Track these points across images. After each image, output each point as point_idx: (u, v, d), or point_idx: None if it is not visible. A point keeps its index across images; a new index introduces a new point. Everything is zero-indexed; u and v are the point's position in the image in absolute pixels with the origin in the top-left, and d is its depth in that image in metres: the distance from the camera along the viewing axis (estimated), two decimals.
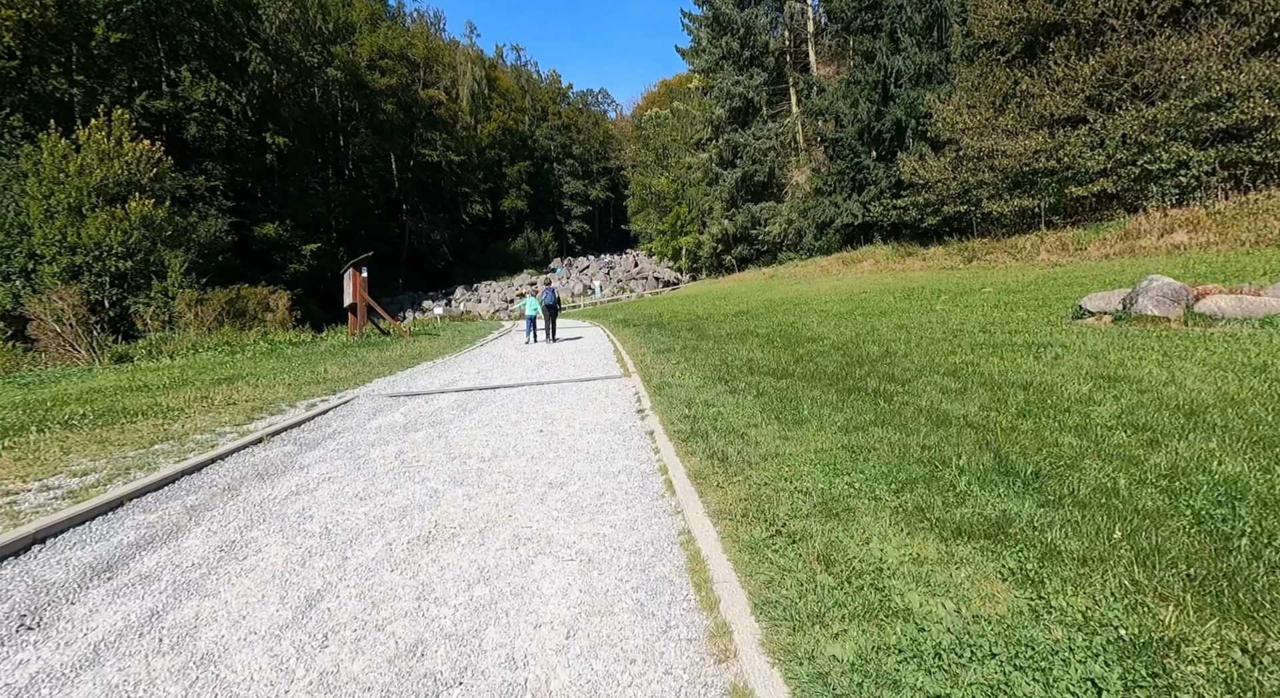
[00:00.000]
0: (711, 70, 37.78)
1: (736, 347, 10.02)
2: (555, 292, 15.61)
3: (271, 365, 10.35)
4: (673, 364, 8.63)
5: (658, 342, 12.04)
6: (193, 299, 29.83)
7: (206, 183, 42.16)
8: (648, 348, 11.08)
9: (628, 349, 11.61)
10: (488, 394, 7.23)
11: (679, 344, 11.07)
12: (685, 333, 13.34)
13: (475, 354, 12.59)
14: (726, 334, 12.05)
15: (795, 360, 7.87)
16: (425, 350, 12.88)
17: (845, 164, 30.24)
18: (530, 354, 12.33)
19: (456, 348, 14.00)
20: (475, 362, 11.11)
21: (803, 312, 16.59)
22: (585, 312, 36.45)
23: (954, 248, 24.60)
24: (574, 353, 12.20)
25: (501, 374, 9.08)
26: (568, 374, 8.72)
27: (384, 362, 10.76)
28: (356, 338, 14.88)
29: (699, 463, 3.97)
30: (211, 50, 44.21)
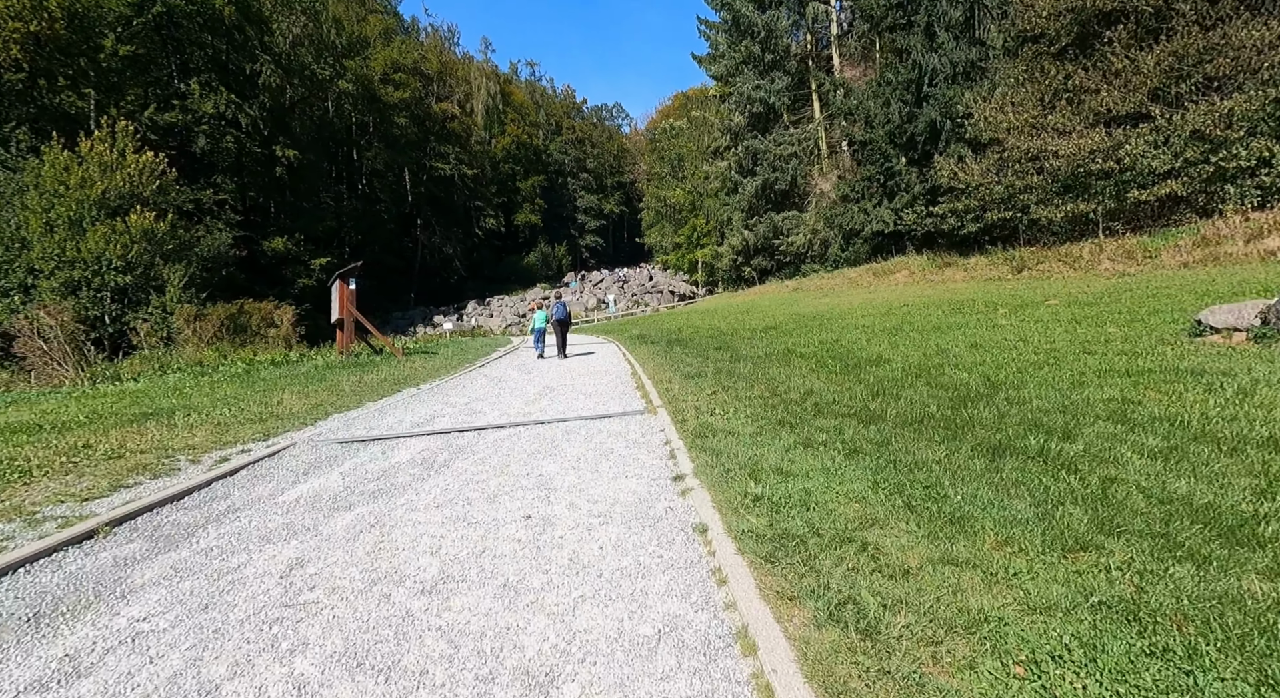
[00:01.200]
0: (730, 76, 36.29)
1: (782, 370, 8.18)
2: (567, 306, 15.82)
3: (226, 393, 8.70)
4: (708, 395, 6.82)
5: (684, 363, 10.24)
6: (191, 315, 28.68)
7: (215, 196, 41.47)
8: (672, 371, 9.28)
9: (648, 372, 9.81)
10: (469, 440, 5.49)
11: (710, 367, 9.24)
12: (714, 352, 11.52)
13: (471, 377, 10.87)
14: (764, 354, 10.20)
15: (872, 394, 6.01)
16: (415, 373, 11.19)
17: (875, 169, 28.40)
18: (535, 377, 10.60)
19: (452, 369, 12.31)
20: (468, 388, 9.39)
21: (843, 327, 14.69)
22: (599, 326, 34.78)
23: (998, 257, 22.57)
24: (585, 375, 10.44)
25: (494, 407, 7.33)
26: (576, 408, 6.96)
27: (360, 388, 9.07)
28: (344, 357, 13.27)
29: (819, 638, 2.10)
30: (222, 63, 43.77)
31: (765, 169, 35.37)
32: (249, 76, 44.89)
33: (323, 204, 55.38)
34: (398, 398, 8.17)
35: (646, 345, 16.19)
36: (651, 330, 23.05)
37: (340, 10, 60.06)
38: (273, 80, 45.70)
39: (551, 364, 12.98)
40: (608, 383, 9.27)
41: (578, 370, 11.47)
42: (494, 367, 13.06)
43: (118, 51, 36.36)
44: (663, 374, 9.11)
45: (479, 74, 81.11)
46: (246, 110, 43.75)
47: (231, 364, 13.06)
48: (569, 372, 11.23)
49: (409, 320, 57.36)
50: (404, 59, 65.83)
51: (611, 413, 6.39)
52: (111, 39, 35.78)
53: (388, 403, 7.70)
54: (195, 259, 33.43)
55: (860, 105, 28.31)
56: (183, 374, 11.88)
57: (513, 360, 14.52)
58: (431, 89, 71.28)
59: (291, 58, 48.48)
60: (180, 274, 29.64)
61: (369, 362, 12.84)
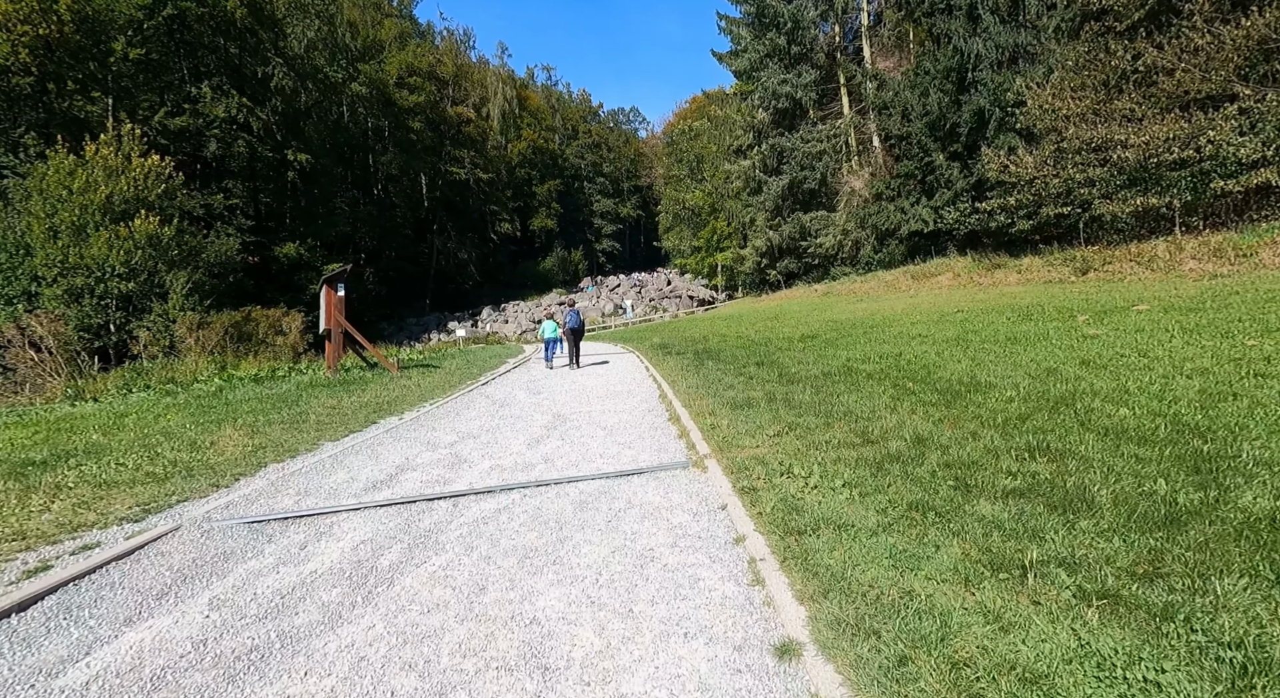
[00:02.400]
0: (754, 70, 34.54)
1: (856, 397, 6.41)
2: (580, 314, 14.45)
3: (168, 424, 7.17)
4: (771, 437, 5.09)
5: (722, 382, 8.51)
6: (194, 323, 27.58)
7: (226, 201, 40.72)
8: (711, 394, 7.57)
9: (680, 394, 8.11)
10: (438, 518, 3.84)
11: (759, 390, 7.51)
12: (755, 368, 9.76)
13: (469, 401, 9.25)
14: (820, 373, 8.43)
15: (1028, 450, 4.20)
16: (405, 395, 9.60)
17: (913, 164, 26.44)
18: (544, 399, 8.95)
19: (451, 388, 10.71)
20: (462, 416, 7.76)
21: (896, 337, 12.83)
22: (616, 333, 33.11)
23: (1056, 257, 20.51)
24: (604, 397, 8.77)
25: (486, 451, 5.66)
26: (594, 453, 5.29)
27: (330, 418, 7.49)
28: (335, 373, 11.76)
29: None
30: (234, 67, 43.15)
31: (792, 167, 33.52)
32: (261, 80, 44.23)
33: (337, 209, 54.60)
34: (368, 435, 6.52)
35: (672, 357, 14.47)
36: (674, 339, 21.32)
37: (355, 14, 59.56)
38: (285, 83, 44.99)
39: (564, 381, 11.34)
40: (631, 410, 7.59)
41: (594, 390, 9.79)
42: (499, 384, 11.43)
43: (128, 55, 35.74)
44: (700, 399, 7.39)
45: (495, 78, 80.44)
46: (258, 114, 43.04)
47: (208, 381, 11.62)
48: (584, 392, 9.55)
49: (423, 327, 56.34)
50: (419, 63, 65.19)
51: (643, 467, 4.68)
52: (122, 42, 35.17)
53: (352, 444, 6.06)
54: (202, 265, 32.49)
55: (897, 96, 26.39)
56: (149, 393, 10.44)
57: (521, 376, 12.89)
58: (447, 93, 70.55)
59: (305, 61, 47.79)
60: (184, 281, 28.61)
61: (359, 378, 11.31)
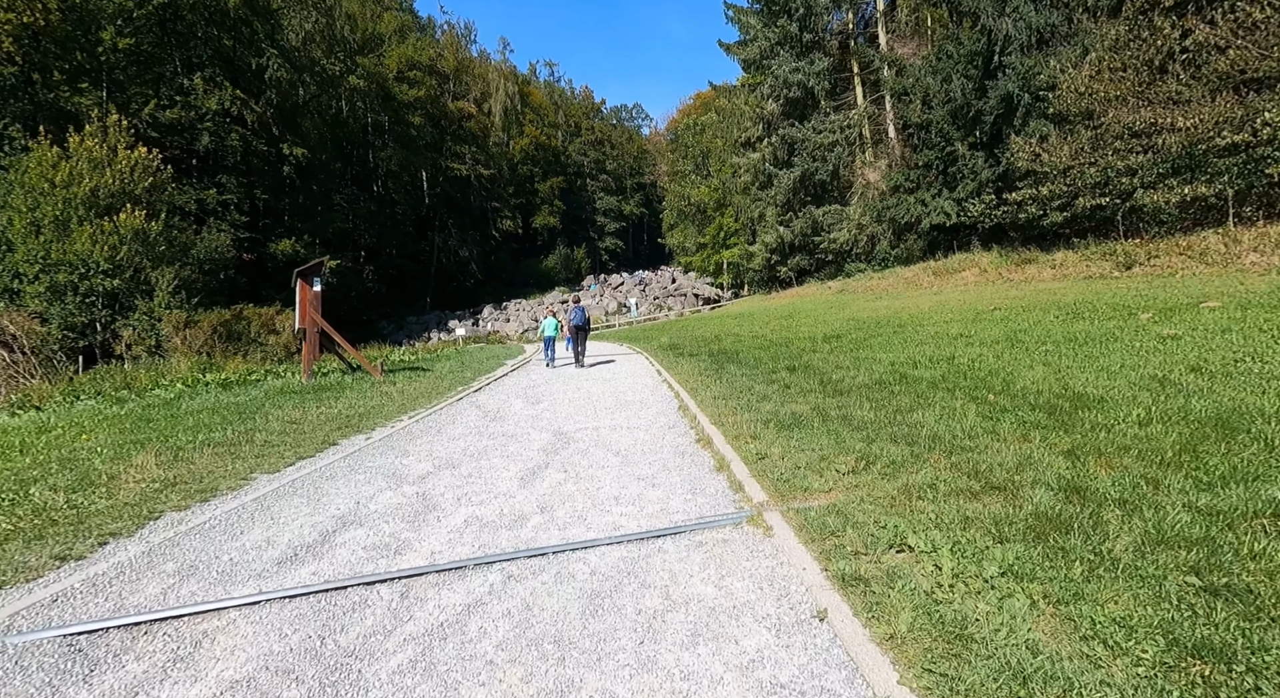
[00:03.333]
0: (764, 59, 33.15)
1: (931, 415, 5.12)
2: (585, 310, 14.08)
3: (83, 444, 5.91)
4: (845, 477, 3.81)
5: (753, 392, 7.22)
6: (180, 321, 26.35)
7: (219, 196, 39.51)
8: (744, 408, 6.28)
9: (705, 405, 6.83)
10: (364, 634, 2.29)
11: (802, 402, 6.21)
12: (787, 373, 8.47)
13: (456, 412, 7.97)
14: (871, 381, 7.11)
15: (1234, 524, 2.92)
16: (383, 404, 8.33)
17: (934, 154, 25.07)
18: (543, 411, 7.69)
19: (439, 395, 9.44)
20: (443, 435, 6.49)
21: (934, 338, 11.50)
22: (621, 333, 31.82)
23: (1094, 251, 19.13)
24: (614, 408, 7.51)
25: (460, 497, 4.27)
26: (606, 498, 3.98)
27: (281, 437, 6.21)
28: (310, 378, 10.51)
29: None
30: (228, 58, 41.93)
31: (804, 159, 32.15)
32: (256, 72, 43.01)
33: (335, 206, 53.41)
34: (319, 464, 5.19)
35: (685, 359, 13.17)
36: (684, 339, 20.03)
37: (354, 7, 58.29)
38: (280, 75, 43.76)
39: (567, 387, 10.07)
40: (648, 425, 6.31)
41: (602, 398, 8.51)
42: (493, 391, 10.15)
43: (117, 45, 34.52)
44: (733, 414, 6.10)
45: (497, 74, 79.15)
46: (253, 107, 41.83)
47: (170, 387, 10.37)
48: (590, 401, 8.27)
49: (424, 326, 55.17)
50: (419, 57, 63.91)
51: (679, 523, 3.28)
52: (111, 32, 33.92)
53: (292, 479, 4.72)
54: (192, 262, 31.29)
55: (917, 82, 25.01)
56: (97, 402, 9.20)
57: (519, 380, 11.61)
58: (447, 87, 69.29)
59: (302, 54, 46.55)
60: (170, 278, 27.37)
61: (336, 384, 10.05)
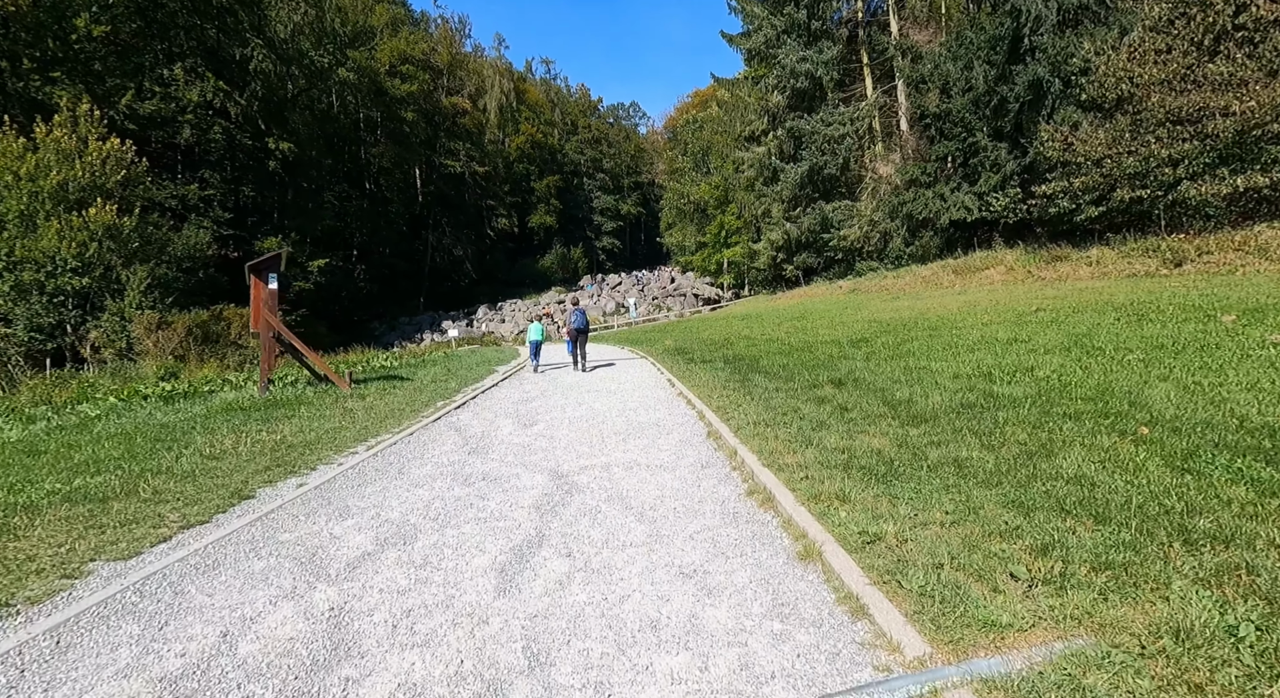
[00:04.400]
0: (770, 47, 31.71)
1: (1079, 461, 3.65)
2: (585, 313, 13.64)
3: None
4: (1038, 587, 2.36)
5: (798, 413, 5.75)
6: (152, 322, 24.63)
7: (201, 192, 37.83)
8: (801, 441, 4.81)
9: (745, 434, 5.36)
10: None
11: (876, 434, 4.75)
12: (830, 387, 6.99)
13: (425, 442, 6.45)
14: (954, 402, 5.64)
15: None
16: (338, 429, 6.81)
17: (953, 146, 23.67)
18: (536, 437, 6.21)
19: (410, 415, 7.93)
20: (397, 483, 4.98)
21: (981, 344, 10.03)
22: (620, 335, 30.28)
23: (1133, 248, 17.72)
24: (624, 436, 6.02)
25: (398, 620, 2.59)
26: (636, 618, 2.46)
27: (185, 483, 4.70)
28: (264, 391, 8.98)
29: None
30: (211, 48, 40.26)
31: (812, 152, 30.71)
32: (240, 63, 41.33)
33: (325, 203, 51.77)
34: (207, 538, 3.57)
35: (698, 367, 11.68)
36: (690, 342, 18.54)
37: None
38: (266, 67, 42.12)
39: (566, 402, 8.59)
40: (673, 460, 4.83)
41: (609, 419, 7.02)
42: (480, 406, 8.64)
43: (92, 33, 32.87)
44: (786, 449, 4.62)
45: (492, 71, 77.68)
46: (237, 99, 40.18)
47: (102, 399, 8.84)
48: (595, 424, 6.79)
49: (416, 327, 53.63)
50: (412, 51, 62.27)
51: None
52: (85, 19, 32.25)
53: (141, 579, 3.04)
54: (170, 259, 29.62)
55: (936, 69, 23.60)
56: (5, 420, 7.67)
57: (510, 393, 10.09)
58: (441, 82, 67.66)
59: (289, 45, 44.88)
60: (142, 276, 25.73)
61: (295, 398, 8.53)
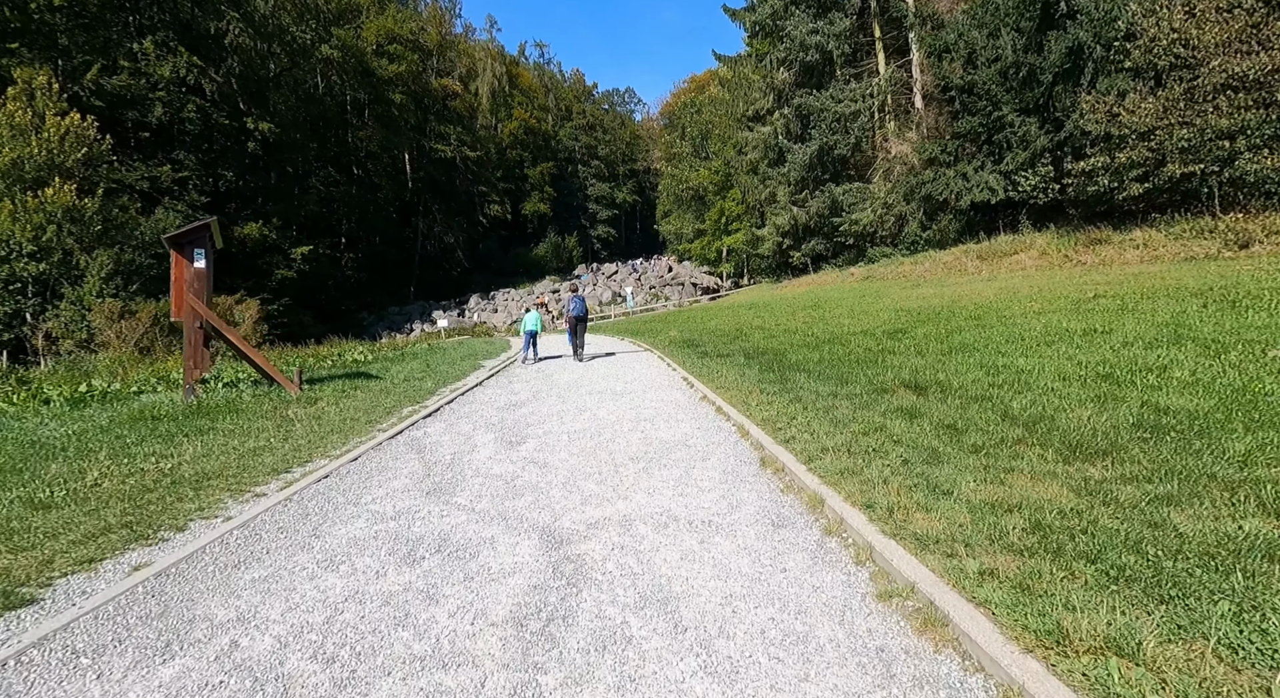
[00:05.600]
0: (777, 19, 29.85)
1: None
2: (584, 301, 13.40)
3: None
4: None
5: (889, 435, 4.17)
6: (114, 312, 22.64)
7: (174, 174, 35.73)
8: (912, 481, 3.25)
9: (812, 461, 3.79)
10: None
11: (1034, 473, 3.16)
12: (909, 394, 5.40)
13: (371, 473, 4.78)
14: (1117, 421, 4.04)
15: None
16: (261, 450, 5.15)
17: (977, 121, 21.99)
18: (522, 480, 4.61)
19: (363, 429, 6.27)
20: (303, 557, 3.29)
21: (1056, 336, 8.44)
22: (619, 325, 28.61)
23: (1184, 229, 16.16)
24: (644, 463, 4.45)
25: None
26: None
27: None
28: (189, 395, 7.26)
29: None
30: (184, 23, 37.95)
31: (822, 131, 28.95)
32: (215, 37, 39.04)
33: (311, 188, 49.62)
34: None
35: (716, 363, 10.05)
36: (698, 334, 16.87)
37: None
38: (243, 42, 39.84)
39: (564, 409, 6.98)
40: (726, 514, 3.30)
41: (620, 433, 5.42)
42: (455, 414, 6.99)
43: (52, 3, 30.63)
44: (908, 499, 3.03)
45: (484, 53, 75.32)
46: (212, 75, 37.95)
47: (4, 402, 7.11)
48: (602, 440, 5.19)
49: (406, 316, 51.78)
50: (400, 30, 59.84)
51: None
52: None
53: None
54: (137, 244, 27.61)
55: (960, 38, 21.85)
56: None
57: (497, 394, 8.44)
58: (431, 64, 65.26)
59: (270, 21, 42.52)
60: (103, 262, 23.81)
61: (227, 404, 6.85)
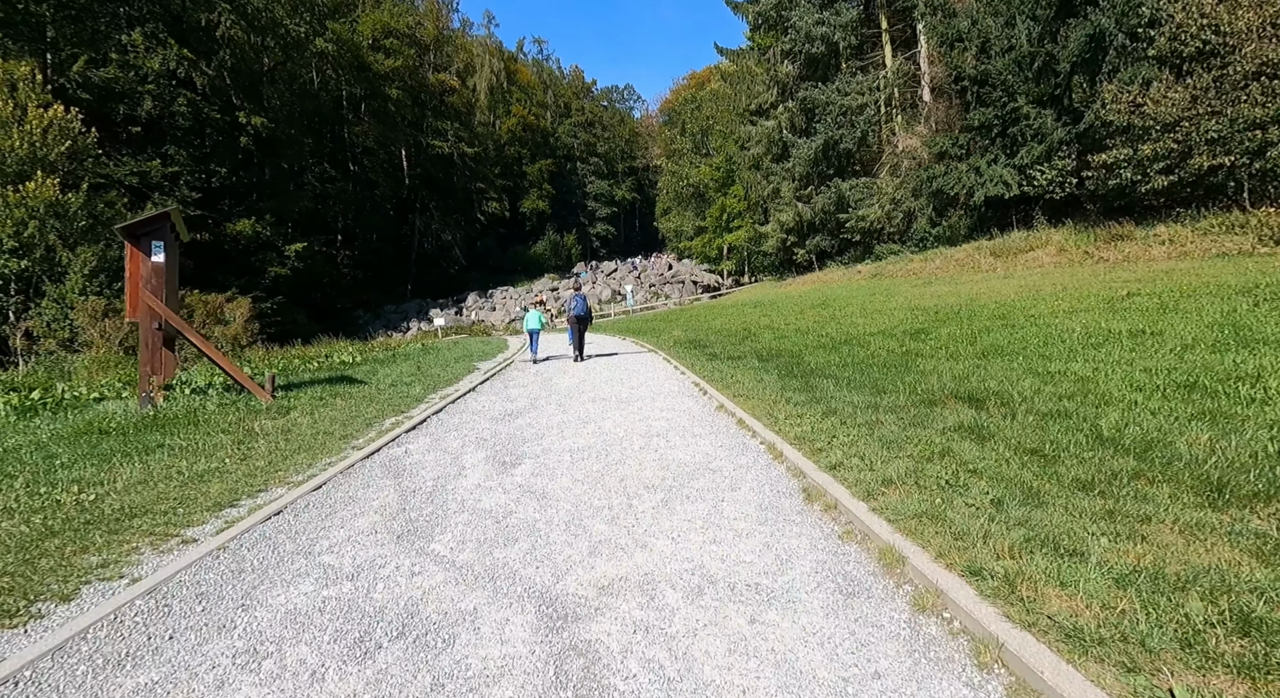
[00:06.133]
0: (782, 9, 29.07)
1: None
2: (586, 300, 13.28)
3: None
4: None
5: (962, 464, 3.48)
6: (98, 310, 21.82)
7: (164, 169, 34.88)
8: (1014, 535, 2.53)
9: (871, 491, 3.13)
10: None
11: (1233, 550, 2.44)
12: (962, 406, 4.69)
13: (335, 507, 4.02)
14: (1258, 452, 3.30)
15: None
16: (210, 475, 4.39)
17: (991, 113, 21.28)
18: (516, 513, 3.92)
19: (336, 446, 5.52)
20: (222, 640, 2.61)
21: (1105, 338, 7.75)
22: (619, 324, 27.86)
23: (1212, 224, 15.44)
24: (666, 494, 3.75)
25: None
26: None
27: None
28: (145, 404, 6.50)
29: None
30: (175, 15, 37.06)
31: (827, 125, 28.20)
32: (206, 29, 38.15)
33: (306, 185, 48.79)
34: None
35: (729, 366, 9.33)
36: (703, 333, 16.14)
37: None
38: (235, 33, 38.94)
39: (566, 419, 6.27)
40: (777, 571, 2.71)
41: (631, 451, 4.72)
42: (442, 425, 6.24)
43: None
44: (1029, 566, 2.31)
45: (482, 49, 74.52)
46: (203, 68, 37.09)
47: None
48: (610, 460, 4.50)
49: (403, 315, 51.02)
50: (396, 24, 58.94)
51: None
52: None
53: None
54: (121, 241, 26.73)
55: (975, 26, 21.10)
56: None
57: (491, 402, 7.69)
58: (428, 59, 64.36)
59: (262, 14, 41.60)
60: (86, 258, 23.01)
61: (189, 414, 6.10)
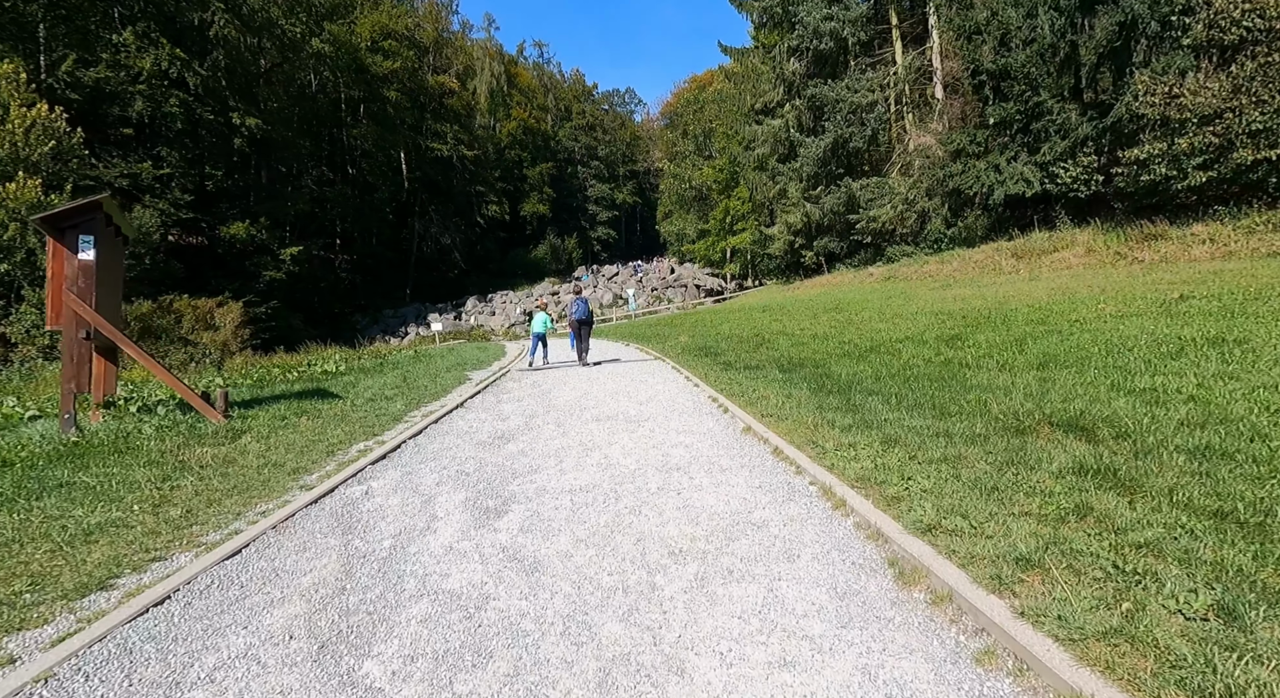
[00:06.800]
0: (789, 5, 28.19)
1: None
2: (588, 304, 12.91)
3: None
4: None
5: (1125, 535, 2.49)
6: None
7: (155, 171, 34.01)
8: None
9: (994, 577, 2.22)
10: None
11: None
12: (1061, 435, 3.72)
13: (255, 582, 2.81)
14: None
15: None
16: (120, 520, 3.38)
17: (1011, 108, 20.32)
18: (492, 621, 2.89)
19: (281, 485, 4.51)
20: None
21: (1184, 347, 6.72)
22: (622, 329, 26.87)
23: (1257, 221, 14.44)
24: (705, 597, 2.76)
25: None
26: None
27: None
28: (67, 427, 5.50)
29: None
30: (168, 14, 36.29)
31: (836, 123, 27.27)
32: (199, 28, 37.36)
33: (303, 188, 47.99)
34: None
35: (747, 377, 8.34)
36: (711, 339, 15.14)
37: None
38: (229, 33, 38.15)
39: (567, 445, 5.31)
40: None
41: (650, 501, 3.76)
42: (418, 454, 5.24)
43: None
44: None
45: (482, 52, 74.01)
46: (196, 69, 36.24)
47: None
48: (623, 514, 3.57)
49: (401, 319, 50.14)
50: (395, 25, 58.25)
51: None
52: None
53: None
54: None
55: (995, 17, 20.17)
56: None
57: (479, 423, 6.67)
58: (427, 61, 63.68)
59: (258, 14, 40.81)
60: None
61: (122, 439, 5.12)
